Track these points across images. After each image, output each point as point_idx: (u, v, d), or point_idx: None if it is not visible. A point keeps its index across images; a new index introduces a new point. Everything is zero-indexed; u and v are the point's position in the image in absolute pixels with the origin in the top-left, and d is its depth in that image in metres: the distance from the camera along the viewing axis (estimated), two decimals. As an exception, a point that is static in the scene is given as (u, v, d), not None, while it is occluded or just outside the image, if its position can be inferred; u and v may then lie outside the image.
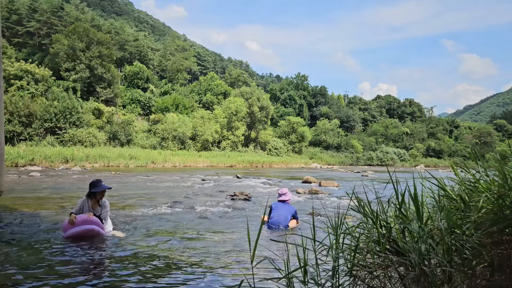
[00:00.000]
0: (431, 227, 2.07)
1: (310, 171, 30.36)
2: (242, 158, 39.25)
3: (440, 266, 1.87)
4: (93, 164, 27.38)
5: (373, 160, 58.51)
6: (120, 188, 12.64)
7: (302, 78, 71.91)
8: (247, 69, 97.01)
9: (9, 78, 35.87)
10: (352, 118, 70.69)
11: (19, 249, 4.64)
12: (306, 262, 1.86)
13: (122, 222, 6.57)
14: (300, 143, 52.82)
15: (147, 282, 3.56)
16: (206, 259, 4.38)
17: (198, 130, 42.23)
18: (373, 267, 1.96)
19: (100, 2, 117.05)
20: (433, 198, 2.40)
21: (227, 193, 11.30)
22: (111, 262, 4.22)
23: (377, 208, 2.14)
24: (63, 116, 34.62)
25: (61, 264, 4.09)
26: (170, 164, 31.98)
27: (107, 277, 3.69)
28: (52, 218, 6.85)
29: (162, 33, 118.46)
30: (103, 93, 43.60)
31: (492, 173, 2.23)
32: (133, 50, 62.78)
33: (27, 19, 52.20)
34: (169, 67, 61.12)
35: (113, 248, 4.85)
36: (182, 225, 6.53)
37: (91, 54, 42.42)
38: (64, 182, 14.32)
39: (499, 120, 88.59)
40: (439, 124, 79.36)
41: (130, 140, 38.56)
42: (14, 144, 30.86)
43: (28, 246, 4.82)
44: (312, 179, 17.09)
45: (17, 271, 3.81)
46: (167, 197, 10.29)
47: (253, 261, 1.78)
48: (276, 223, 6.24)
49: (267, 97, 52.93)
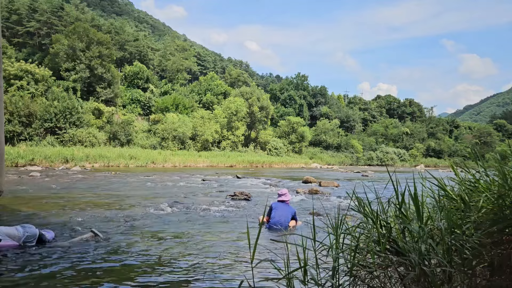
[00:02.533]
0: (431, 227, 2.07)
1: (310, 171, 30.37)
2: (242, 158, 39.25)
3: (440, 266, 1.87)
4: (93, 164, 27.38)
5: (373, 160, 58.53)
6: (120, 188, 12.64)
7: (302, 78, 71.93)
8: (247, 69, 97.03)
9: (9, 78, 35.87)
10: (352, 118, 70.69)
11: (19, 249, 4.64)
12: (306, 262, 1.86)
13: (122, 222, 6.58)
14: (300, 143, 52.82)
15: (146, 282, 3.56)
16: (206, 259, 4.37)
17: (198, 130, 42.23)
18: (373, 267, 1.96)
19: (100, 2, 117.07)
20: (433, 198, 2.40)
21: (227, 193, 11.30)
22: (110, 262, 4.22)
23: (377, 208, 2.14)
24: (63, 116, 34.62)
25: (60, 264, 4.09)
26: (170, 164, 31.98)
27: (106, 277, 3.69)
28: (52, 218, 6.85)
29: (162, 33, 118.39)
30: (103, 93, 43.60)
31: (492, 173, 2.23)
32: (133, 50, 62.78)
33: (27, 19, 52.19)
34: (169, 67, 61.11)
35: (113, 248, 4.85)
36: (182, 225, 6.53)
37: (91, 54, 42.42)
38: (64, 182, 14.32)
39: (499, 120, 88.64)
40: (439, 124, 79.41)
41: (130, 140, 38.57)
42: (14, 144, 30.86)
43: (27, 246, 4.82)
44: (312, 179, 17.08)
45: (17, 271, 3.81)
46: (167, 197, 10.29)
47: (253, 261, 1.78)
48: (277, 223, 6.24)
49: (267, 97, 52.94)
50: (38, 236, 4.83)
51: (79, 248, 4.75)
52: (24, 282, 3.51)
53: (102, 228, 6.03)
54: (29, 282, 3.50)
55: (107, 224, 6.33)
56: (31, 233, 4.78)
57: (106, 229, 5.95)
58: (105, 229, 5.91)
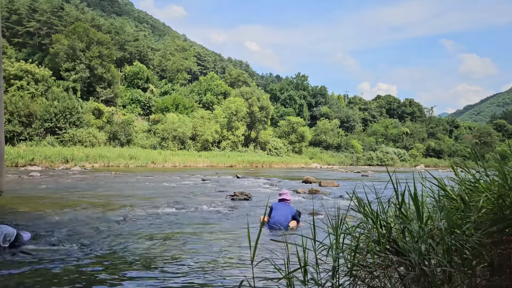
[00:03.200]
0: (431, 227, 2.07)
1: (310, 171, 30.36)
2: (242, 158, 39.25)
3: (440, 266, 1.87)
4: (93, 164, 27.38)
5: (373, 160, 58.54)
6: (120, 188, 12.64)
7: (302, 78, 71.94)
8: (247, 69, 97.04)
9: (9, 78, 35.87)
10: (352, 118, 70.70)
11: (19, 249, 4.64)
12: (306, 262, 1.86)
13: (122, 222, 6.58)
14: (300, 143, 52.83)
15: (146, 282, 3.56)
16: (206, 259, 4.38)
17: (198, 130, 42.24)
18: (373, 267, 1.96)
19: (100, 2, 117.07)
20: (433, 198, 2.40)
21: (227, 193, 11.30)
22: (110, 262, 4.22)
23: (377, 208, 2.14)
24: (63, 116, 34.63)
25: (60, 264, 4.09)
26: (170, 164, 31.98)
27: (105, 278, 3.69)
28: (52, 218, 6.85)
29: (162, 33, 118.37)
30: (103, 93, 43.61)
31: (492, 173, 2.24)
32: (133, 50, 62.79)
33: (27, 19, 52.19)
34: (169, 67, 61.11)
35: (112, 248, 4.85)
36: (182, 225, 6.54)
37: (91, 54, 42.43)
38: (64, 182, 14.32)
39: (499, 120, 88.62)
40: (439, 124, 79.44)
41: (130, 140, 38.57)
42: (14, 144, 30.87)
43: (27, 246, 4.81)
44: (312, 179, 17.07)
45: (16, 271, 3.81)
46: (167, 197, 10.29)
47: (253, 261, 1.78)
48: (277, 223, 6.24)
49: (267, 97, 52.94)
50: (15, 236, 4.56)
51: (74, 246, 4.75)
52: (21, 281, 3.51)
53: (102, 228, 6.02)
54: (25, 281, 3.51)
55: (107, 224, 6.33)
56: (9, 233, 4.51)
57: (106, 229, 5.95)
58: (105, 229, 5.91)
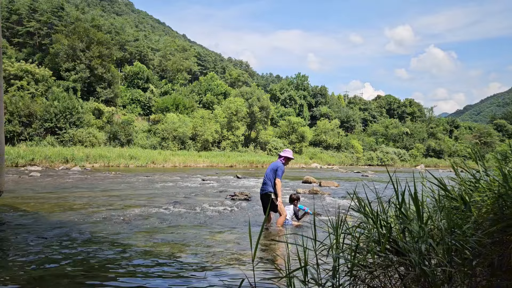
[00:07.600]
0: (431, 227, 2.07)
1: (310, 171, 30.35)
2: (242, 158, 39.22)
3: (440, 266, 1.87)
4: (93, 164, 27.37)
5: (373, 160, 58.49)
6: (120, 188, 12.64)
7: (302, 78, 71.93)
8: (247, 69, 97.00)
9: (9, 78, 35.85)
10: (352, 118, 70.64)
11: (19, 250, 4.64)
12: (306, 262, 1.86)
13: (122, 222, 6.58)
14: (300, 143, 52.78)
15: (146, 282, 3.57)
16: (206, 259, 4.38)
17: (198, 130, 42.22)
18: (373, 267, 1.97)
19: (100, 2, 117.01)
20: (433, 198, 2.40)
21: (227, 193, 11.30)
22: (109, 262, 4.22)
23: (377, 208, 2.15)
24: (63, 116, 34.60)
25: (60, 264, 4.09)
26: (170, 164, 31.97)
27: (105, 278, 3.69)
28: (52, 218, 6.85)
29: (162, 33, 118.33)
30: (103, 93, 43.57)
31: (492, 173, 2.24)
32: (133, 50, 62.76)
33: (27, 19, 52.17)
34: (169, 67, 61.10)
35: (112, 248, 4.86)
36: (182, 225, 6.54)
37: (91, 54, 42.40)
38: (64, 182, 14.32)
39: (499, 120, 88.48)
40: (439, 124, 79.34)
41: (130, 140, 38.56)
42: (14, 144, 30.85)
43: (27, 246, 4.82)
44: (312, 179, 17.08)
45: (16, 272, 3.81)
46: (167, 197, 10.30)
47: (254, 261, 1.78)
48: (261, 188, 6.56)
49: (267, 97, 52.89)
50: None
51: (74, 246, 4.75)
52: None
53: (102, 228, 6.03)
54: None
55: (107, 224, 6.33)
56: None
57: (105, 228, 5.95)
58: (105, 229, 5.91)
